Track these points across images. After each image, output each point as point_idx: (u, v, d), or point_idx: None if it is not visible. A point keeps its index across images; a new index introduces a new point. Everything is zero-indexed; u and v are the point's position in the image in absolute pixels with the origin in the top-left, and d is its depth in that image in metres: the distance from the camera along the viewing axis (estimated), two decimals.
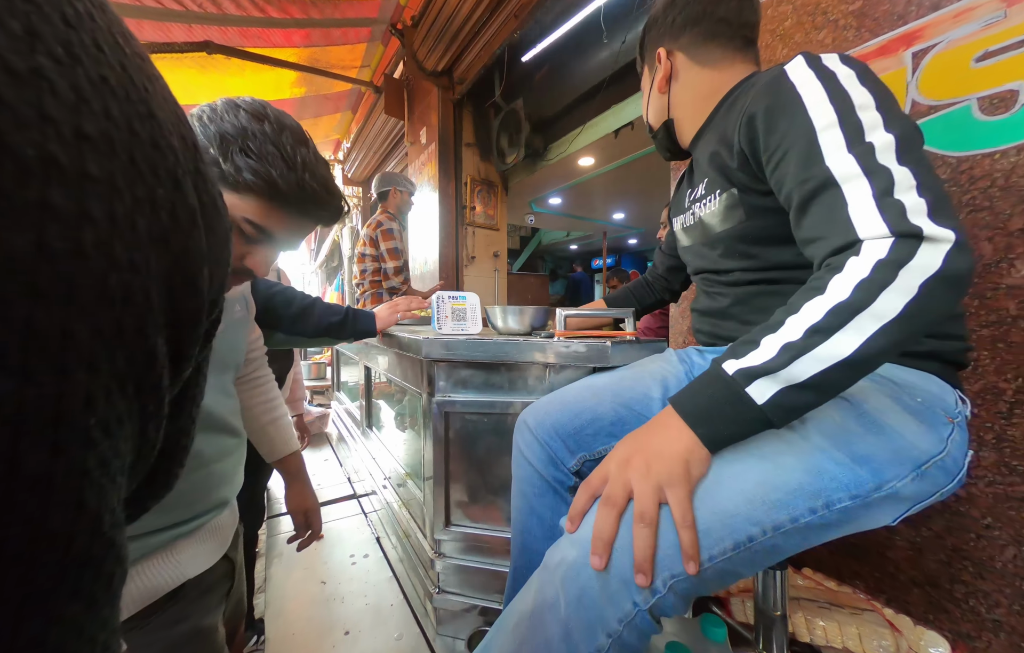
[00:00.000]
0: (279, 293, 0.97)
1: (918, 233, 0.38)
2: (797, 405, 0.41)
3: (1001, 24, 0.69)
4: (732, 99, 0.65)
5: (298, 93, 3.57)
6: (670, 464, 0.43)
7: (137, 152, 0.14)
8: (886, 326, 0.38)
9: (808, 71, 0.49)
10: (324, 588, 1.16)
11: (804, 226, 0.48)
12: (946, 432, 0.47)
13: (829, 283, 0.41)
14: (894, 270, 0.38)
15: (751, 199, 0.58)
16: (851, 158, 0.43)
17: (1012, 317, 0.70)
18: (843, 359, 0.39)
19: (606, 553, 0.41)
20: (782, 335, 0.42)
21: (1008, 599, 0.72)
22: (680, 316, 1.26)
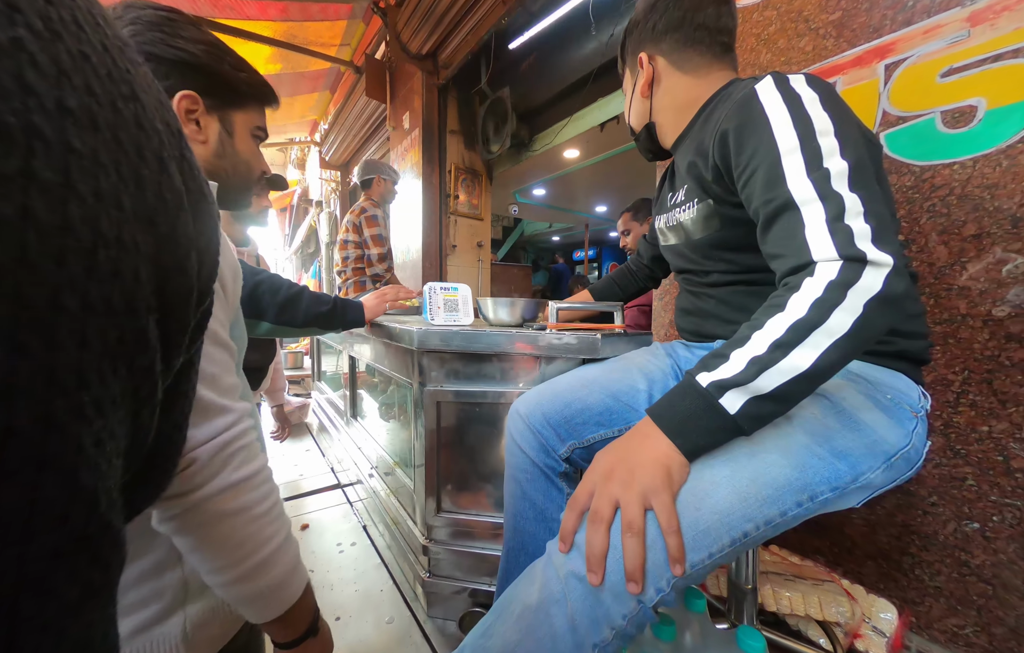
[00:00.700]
0: (265, 280, 0.95)
1: (863, 257, 0.43)
2: (764, 414, 0.45)
3: (965, 43, 0.75)
4: (710, 109, 0.68)
5: (273, 69, 3.41)
6: (652, 471, 0.45)
7: (121, 131, 0.14)
8: (838, 341, 0.43)
9: (776, 93, 0.53)
10: (312, 577, 1.17)
11: (768, 242, 0.52)
12: (911, 426, 0.53)
13: (788, 301, 0.45)
14: (843, 291, 0.43)
15: (726, 210, 0.62)
16: (809, 183, 0.47)
17: (962, 316, 0.77)
18: (803, 372, 0.43)
19: (600, 568, 0.43)
20: (749, 349, 0.45)
21: (948, 568, 0.81)
22: (663, 309, 1.31)
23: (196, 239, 0.18)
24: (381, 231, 2.16)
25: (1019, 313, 0.72)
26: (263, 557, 0.42)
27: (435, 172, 3.12)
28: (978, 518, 0.77)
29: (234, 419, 0.42)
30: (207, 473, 0.39)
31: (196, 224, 0.18)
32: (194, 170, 0.19)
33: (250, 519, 0.41)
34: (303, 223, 5.90)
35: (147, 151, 0.15)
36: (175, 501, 0.39)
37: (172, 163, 0.17)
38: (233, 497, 0.40)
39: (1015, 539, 0.73)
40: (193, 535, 0.40)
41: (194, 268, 0.18)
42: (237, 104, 0.58)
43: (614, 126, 2.61)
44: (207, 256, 0.20)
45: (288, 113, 4.53)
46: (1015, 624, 0.74)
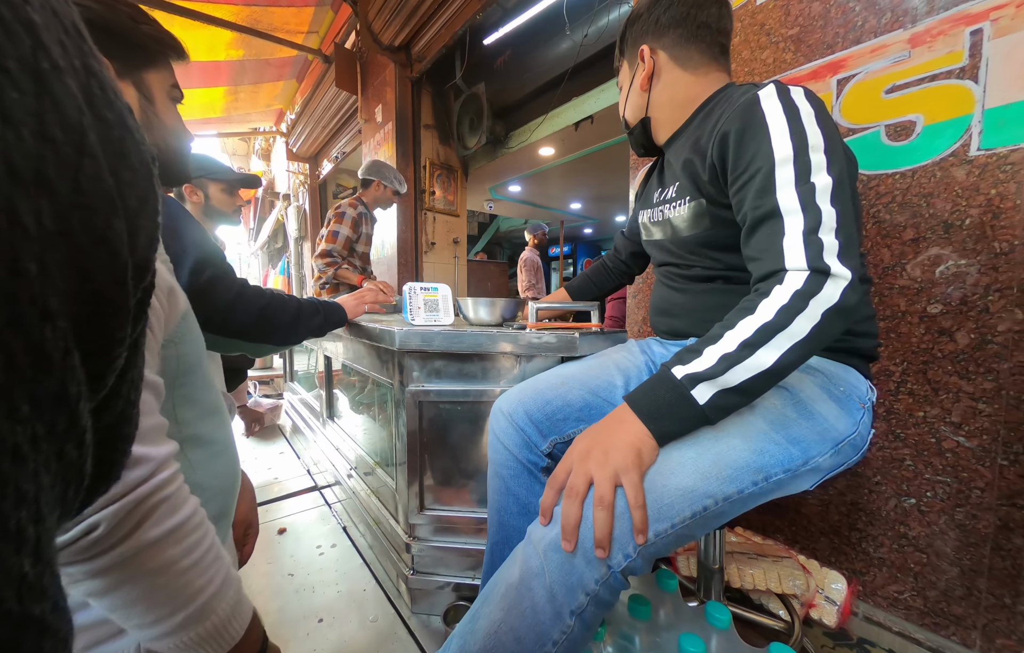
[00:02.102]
0: (273, 301, 0.89)
1: (826, 270, 0.49)
2: (729, 405, 0.50)
3: (906, 63, 0.82)
4: (708, 109, 0.71)
5: (235, 55, 3.25)
6: (624, 452, 0.49)
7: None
8: (797, 343, 0.48)
9: (777, 103, 0.56)
10: (292, 580, 1.15)
11: (750, 245, 0.57)
12: (859, 416, 0.59)
13: (758, 305, 0.51)
14: (806, 300, 0.48)
15: (717, 210, 0.65)
16: (795, 195, 0.52)
17: (902, 312, 0.85)
18: (765, 369, 0.48)
19: (574, 537, 0.48)
20: (720, 347, 0.50)
21: (889, 540, 0.89)
22: (636, 307, 1.36)
23: (120, 199, 0.14)
24: (339, 230, 2.10)
25: (949, 310, 0.80)
26: (198, 606, 0.39)
27: (409, 167, 3.07)
28: (915, 494, 0.85)
29: (150, 470, 0.37)
30: (115, 537, 0.35)
31: (121, 175, 0.14)
32: (108, 93, 0.14)
33: (178, 573, 0.38)
34: (269, 217, 5.66)
35: (9, 58, 0.10)
36: (77, 566, 0.34)
37: (67, 78, 0.12)
38: (154, 555, 0.36)
39: (945, 512, 0.82)
40: (111, 596, 0.35)
41: (122, 240, 0.14)
42: (148, 63, 0.52)
43: (588, 125, 2.65)
44: (142, 218, 0.15)
45: (252, 101, 4.32)
46: (945, 587, 0.83)
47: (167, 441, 0.41)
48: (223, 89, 3.71)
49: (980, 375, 0.77)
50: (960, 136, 0.77)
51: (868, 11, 0.86)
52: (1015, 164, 0.72)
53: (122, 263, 0.14)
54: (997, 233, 0.74)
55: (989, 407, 0.77)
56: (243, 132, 5.37)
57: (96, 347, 0.13)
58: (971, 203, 0.76)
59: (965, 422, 0.79)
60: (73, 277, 0.12)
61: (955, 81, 0.77)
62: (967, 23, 0.75)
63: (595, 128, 2.75)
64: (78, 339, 0.12)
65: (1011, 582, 0.76)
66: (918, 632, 0.86)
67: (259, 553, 1.28)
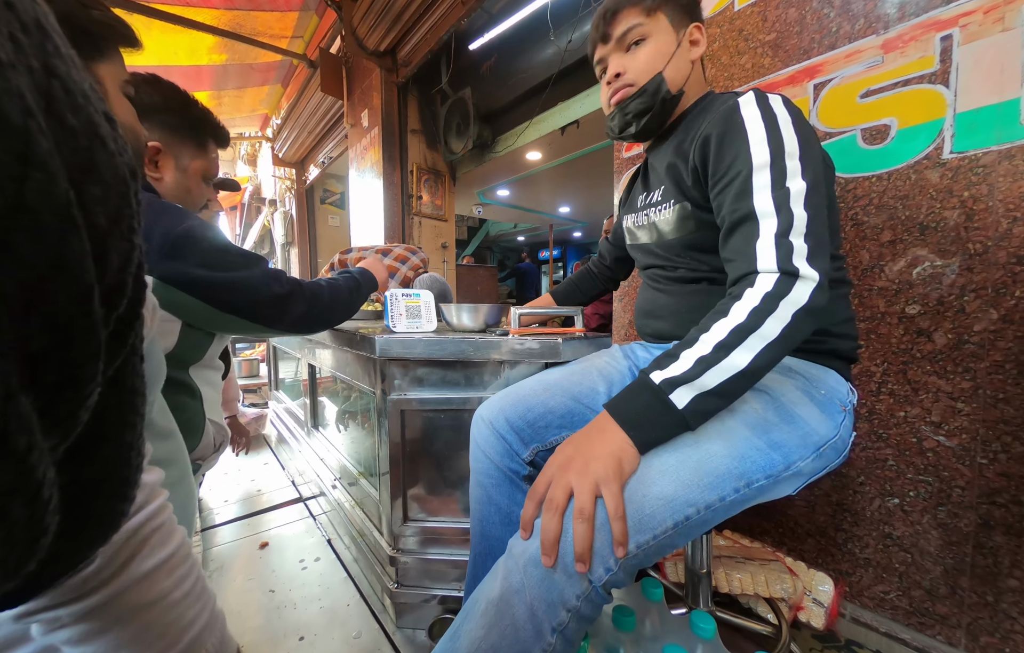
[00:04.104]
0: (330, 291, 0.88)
1: (795, 272, 0.50)
2: (708, 409, 0.50)
3: (880, 68, 0.83)
4: (692, 116, 0.72)
5: (218, 60, 3.21)
6: (605, 463, 0.48)
7: None
8: (769, 344, 0.49)
9: (756, 110, 0.57)
10: (273, 596, 1.12)
11: (727, 247, 0.58)
12: (840, 419, 0.59)
13: (731, 308, 0.51)
14: (776, 301, 0.49)
15: (701, 213, 0.66)
16: (771, 199, 0.53)
17: (881, 313, 0.86)
18: (740, 370, 0.49)
19: (553, 552, 0.46)
20: (696, 350, 0.50)
21: (875, 540, 0.90)
22: (622, 311, 1.36)
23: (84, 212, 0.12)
24: None
25: (927, 310, 0.81)
26: (187, 643, 0.37)
27: (396, 172, 3.05)
28: (898, 494, 0.86)
29: (144, 497, 0.36)
30: (111, 570, 0.33)
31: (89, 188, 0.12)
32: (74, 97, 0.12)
33: (168, 606, 0.36)
34: (256, 223, 5.59)
35: None
36: (70, 606, 0.31)
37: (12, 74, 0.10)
38: (147, 588, 0.35)
39: (928, 511, 0.83)
40: (99, 640, 0.33)
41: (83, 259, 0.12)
42: (98, 53, 0.48)
43: (574, 130, 2.66)
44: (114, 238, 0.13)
45: (236, 106, 4.27)
46: (930, 586, 0.83)
47: (154, 467, 0.39)
48: (206, 94, 3.66)
49: (958, 375, 0.78)
50: (933, 139, 0.78)
51: (842, 17, 0.87)
52: (986, 167, 0.73)
53: (85, 288, 0.12)
54: (971, 234, 0.75)
55: (967, 406, 0.77)
56: None
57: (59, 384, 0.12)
58: (945, 205, 0.78)
59: (945, 421, 0.80)
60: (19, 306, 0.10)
61: (927, 86, 0.78)
62: (937, 29, 0.76)
63: (581, 132, 2.76)
64: (30, 379, 0.11)
65: (993, 580, 0.77)
66: (904, 632, 0.87)
67: (239, 569, 1.24)
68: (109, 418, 0.16)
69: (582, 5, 2.01)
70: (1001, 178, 0.72)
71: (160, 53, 2.89)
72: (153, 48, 2.82)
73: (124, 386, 0.17)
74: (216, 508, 1.63)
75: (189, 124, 0.83)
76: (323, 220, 5.34)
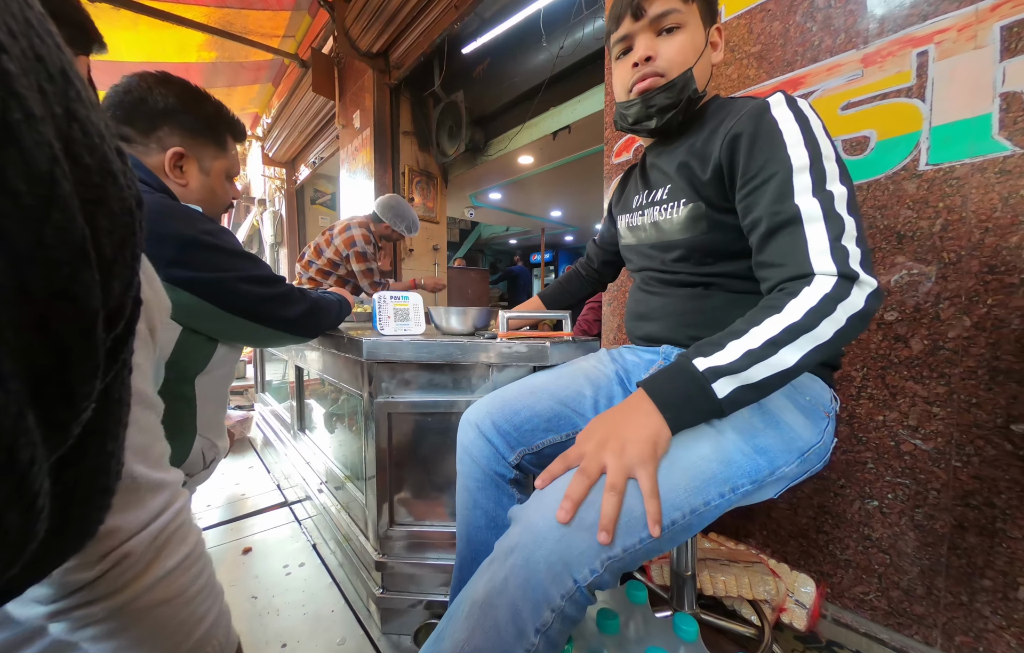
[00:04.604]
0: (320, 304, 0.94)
1: (855, 277, 0.50)
2: (745, 400, 0.51)
3: (859, 81, 0.86)
4: (705, 116, 0.69)
5: (207, 57, 3.17)
6: (642, 447, 0.49)
7: None
8: (819, 346, 0.49)
9: (788, 112, 0.57)
10: (255, 603, 1.10)
11: (767, 250, 0.57)
12: (823, 425, 0.60)
13: (786, 305, 0.51)
14: (834, 304, 0.49)
15: (717, 214, 0.64)
16: (815, 202, 0.53)
17: None
18: (786, 368, 0.49)
19: (573, 510, 0.47)
20: (745, 343, 0.50)
21: (855, 542, 0.91)
22: (611, 314, 1.37)
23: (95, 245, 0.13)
24: (371, 265, 2.18)
25: (904, 317, 0.83)
26: (197, 638, 0.38)
27: (388, 173, 3.04)
28: (877, 496, 0.88)
29: (170, 497, 0.38)
30: (141, 565, 0.34)
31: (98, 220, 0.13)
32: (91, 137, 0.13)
33: (185, 602, 0.37)
34: (244, 223, 5.51)
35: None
36: (103, 603, 0.32)
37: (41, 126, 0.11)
38: (168, 584, 0.36)
39: (905, 513, 0.85)
40: (122, 636, 0.34)
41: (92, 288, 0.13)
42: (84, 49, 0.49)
43: (566, 135, 2.68)
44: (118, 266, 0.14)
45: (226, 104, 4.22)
46: (907, 587, 0.85)
47: (173, 467, 0.40)
48: None
49: (933, 380, 0.80)
50: (910, 151, 0.80)
51: (824, 31, 0.90)
52: (960, 178, 0.76)
53: (91, 314, 0.13)
54: (946, 244, 0.78)
55: (942, 410, 0.79)
56: None
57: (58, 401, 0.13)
58: (921, 215, 0.80)
59: (921, 425, 0.82)
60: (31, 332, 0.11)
61: (904, 99, 0.80)
62: (914, 45, 0.79)
63: (573, 138, 2.79)
64: (35, 396, 0.11)
65: (967, 580, 0.79)
66: (883, 632, 0.88)
67: (221, 575, 1.21)
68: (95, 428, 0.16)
69: (574, 12, 2.03)
70: (974, 190, 0.75)
71: (148, 49, 2.85)
72: (141, 44, 2.78)
73: (111, 398, 0.17)
74: (198, 512, 1.60)
75: (205, 122, 0.81)
76: (313, 220, 5.30)
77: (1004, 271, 0.73)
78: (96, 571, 0.31)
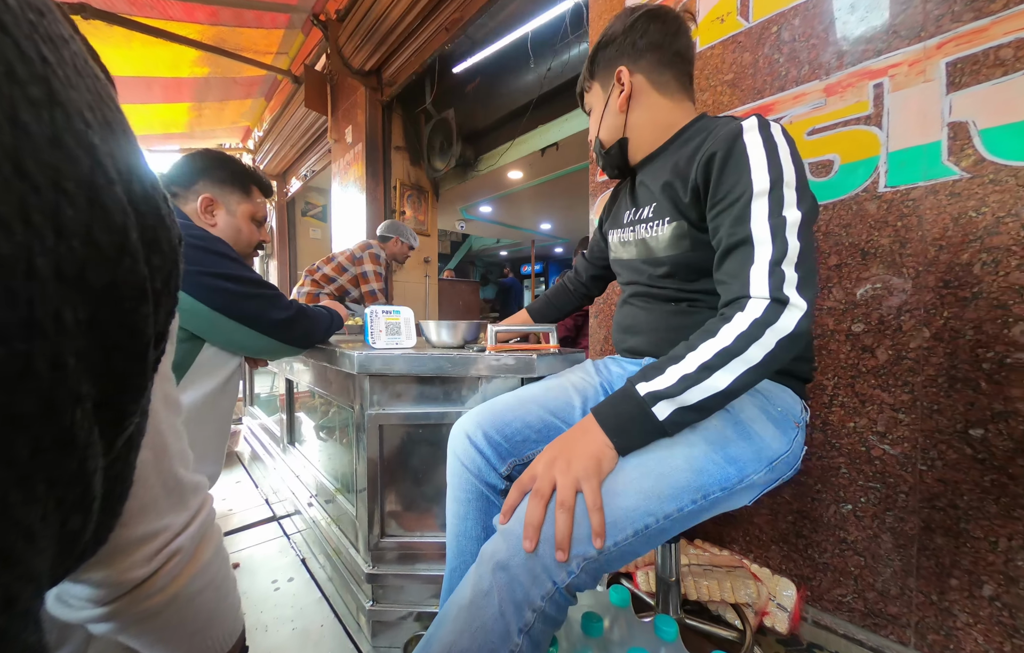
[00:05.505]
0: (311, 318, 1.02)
1: (785, 300, 0.53)
2: (686, 421, 0.55)
3: (823, 109, 0.92)
4: (686, 136, 0.73)
5: (200, 72, 3.19)
6: (586, 462, 0.52)
7: (26, 155, 0.10)
8: (750, 368, 0.53)
9: (758, 136, 0.60)
10: (244, 619, 1.09)
11: (722, 268, 0.61)
12: (793, 435, 0.63)
13: (720, 330, 0.55)
14: (763, 328, 0.53)
15: (697, 233, 0.68)
16: (767, 226, 0.56)
17: (831, 331, 0.93)
18: (720, 390, 0.53)
19: (535, 536, 0.49)
20: (682, 367, 0.54)
21: (832, 546, 0.95)
22: (598, 326, 1.41)
23: (151, 281, 0.14)
24: (380, 269, 2.31)
25: (870, 329, 0.88)
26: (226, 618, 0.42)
27: (379, 187, 3.08)
28: (850, 500, 0.92)
29: (205, 496, 0.41)
30: (187, 560, 0.37)
31: (152, 260, 0.14)
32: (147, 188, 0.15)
33: (216, 588, 0.41)
34: None
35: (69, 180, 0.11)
36: (156, 598, 0.34)
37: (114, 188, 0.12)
38: (205, 574, 0.39)
39: (877, 516, 0.89)
40: (161, 630, 0.36)
41: (149, 319, 0.15)
42: None
43: (553, 152, 2.75)
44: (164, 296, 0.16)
45: (218, 118, 4.23)
46: (882, 588, 0.89)
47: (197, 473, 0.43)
48: (186, 105, 3.62)
49: (898, 388, 0.85)
50: (870, 174, 0.86)
51: (790, 63, 0.96)
52: (916, 200, 0.82)
53: (145, 341, 0.15)
54: (905, 260, 0.83)
55: (907, 417, 0.84)
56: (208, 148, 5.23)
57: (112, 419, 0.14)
58: (882, 234, 0.85)
59: (889, 431, 0.86)
60: (101, 362, 0.12)
61: (863, 127, 0.86)
62: (870, 77, 0.85)
63: (560, 154, 2.86)
64: (99, 416, 0.13)
65: (936, 580, 0.83)
66: (860, 633, 0.91)
67: None
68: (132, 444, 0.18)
69: (561, 36, 2.11)
70: (928, 211, 0.80)
71: (141, 65, 2.87)
72: (134, 59, 2.79)
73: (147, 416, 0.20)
74: None
75: (231, 176, 1.00)
76: (304, 232, 5.29)
77: (958, 286, 0.78)
78: (150, 568, 0.33)
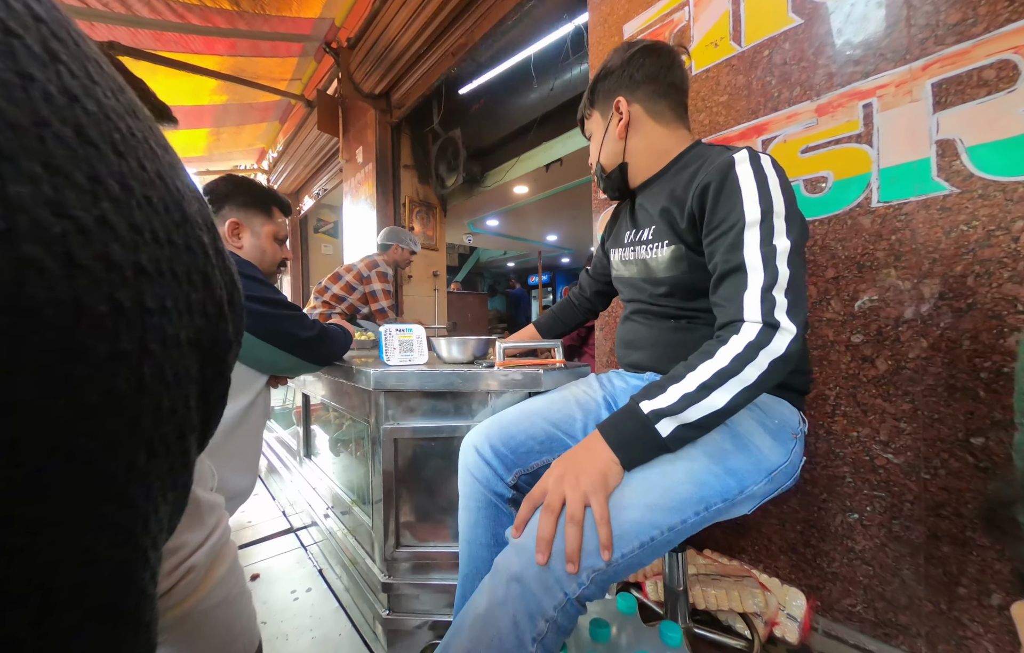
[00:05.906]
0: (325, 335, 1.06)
1: (776, 325, 0.57)
2: (687, 437, 0.58)
3: (815, 128, 0.95)
4: (683, 163, 0.77)
5: (219, 100, 3.34)
6: (593, 477, 0.56)
7: (177, 264, 0.14)
8: (746, 388, 0.56)
9: (750, 169, 0.63)
10: (265, 628, 1.13)
11: (718, 293, 0.64)
12: (791, 446, 0.66)
13: (717, 351, 0.58)
14: (756, 350, 0.56)
15: (695, 256, 0.72)
16: (759, 255, 0.60)
17: (830, 342, 0.95)
18: (718, 409, 0.56)
19: (547, 549, 0.52)
20: (682, 387, 0.58)
21: (840, 555, 0.96)
22: (603, 339, 1.44)
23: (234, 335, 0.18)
24: (389, 286, 2.39)
25: (869, 339, 0.90)
26: (239, 632, 0.43)
27: (389, 204, 3.17)
28: (857, 509, 0.93)
29: (221, 513, 0.43)
30: (202, 576, 0.39)
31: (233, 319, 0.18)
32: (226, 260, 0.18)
33: (230, 603, 0.42)
34: None
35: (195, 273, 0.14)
36: (171, 612, 0.36)
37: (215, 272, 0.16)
38: (220, 590, 0.40)
39: (884, 525, 0.89)
40: (183, 641, 0.38)
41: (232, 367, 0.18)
42: None
43: (558, 167, 2.81)
44: (238, 342, 0.20)
45: (235, 141, 4.40)
46: (891, 597, 0.89)
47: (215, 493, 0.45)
48: (206, 130, 3.79)
49: (899, 397, 0.86)
50: (863, 190, 0.89)
51: (782, 85, 1.00)
52: (908, 214, 0.84)
53: (227, 383, 0.19)
54: (899, 273, 0.85)
55: (909, 426, 0.85)
56: (224, 170, 5.42)
57: (199, 445, 0.18)
58: (877, 247, 0.88)
59: (891, 440, 0.88)
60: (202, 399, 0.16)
61: (855, 145, 0.89)
62: (860, 98, 0.88)
63: (564, 169, 2.92)
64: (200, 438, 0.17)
65: (945, 589, 0.83)
66: (872, 643, 0.91)
67: None
68: None
69: (562, 57, 2.18)
70: (921, 225, 0.83)
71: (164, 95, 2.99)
72: (158, 90, 2.91)
73: None
74: None
75: (254, 199, 1.06)
76: (316, 248, 5.43)
77: (953, 297, 0.80)
78: (166, 584, 0.36)
